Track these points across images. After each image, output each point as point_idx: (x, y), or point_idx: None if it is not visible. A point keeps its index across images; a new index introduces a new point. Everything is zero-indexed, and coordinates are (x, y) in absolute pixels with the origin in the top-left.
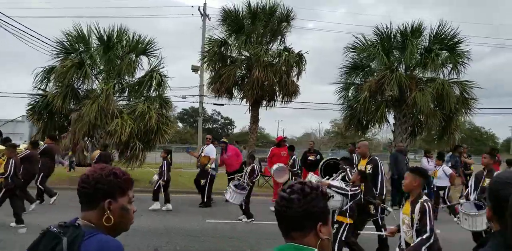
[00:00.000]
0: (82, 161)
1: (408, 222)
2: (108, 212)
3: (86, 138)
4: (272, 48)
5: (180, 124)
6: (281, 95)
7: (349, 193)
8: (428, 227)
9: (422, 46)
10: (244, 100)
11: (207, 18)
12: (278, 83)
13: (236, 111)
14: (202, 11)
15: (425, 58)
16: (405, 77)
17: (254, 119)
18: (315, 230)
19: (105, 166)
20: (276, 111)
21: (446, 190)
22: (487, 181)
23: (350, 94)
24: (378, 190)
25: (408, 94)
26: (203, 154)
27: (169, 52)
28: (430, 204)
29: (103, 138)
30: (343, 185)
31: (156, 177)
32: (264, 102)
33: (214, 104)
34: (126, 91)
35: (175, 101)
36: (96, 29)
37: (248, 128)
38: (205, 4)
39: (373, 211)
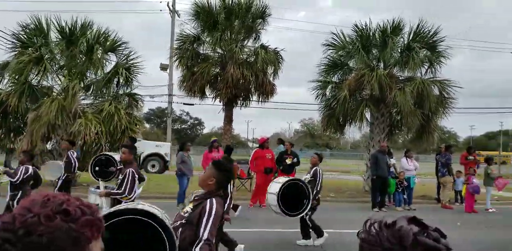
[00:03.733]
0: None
1: None
2: None
3: (44, 140)
4: (248, 45)
5: (147, 125)
6: (256, 95)
7: None
8: None
9: (402, 44)
10: (217, 99)
11: (176, 14)
12: (254, 82)
13: (205, 112)
14: (171, 7)
15: (405, 57)
16: (385, 75)
17: (228, 119)
18: None
19: (49, 195)
20: (243, 111)
21: None
22: None
23: (328, 93)
24: None
25: (388, 93)
26: None
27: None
28: None
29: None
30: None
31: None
32: (239, 102)
33: (184, 104)
34: (91, 89)
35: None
36: (56, 22)
37: (222, 128)
38: None
39: None
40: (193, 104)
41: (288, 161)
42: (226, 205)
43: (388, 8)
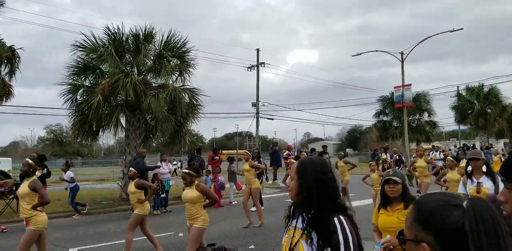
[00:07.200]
0: None
1: None
2: None
3: None
4: None
5: None
6: None
7: None
8: None
9: (155, 52)
10: None
11: None
12: None
13: None
14: None
15: (158, 64)
16: (139, 81)
17: None
18: None
19: None
20: None
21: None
22: None
23: (79, 97)
24: None
25: (143, 99)
26: None
27: None
28: None
29: None
30: None
31: None
32: None
33: None
34: None
35: None
36: None
37: None
38: None
39: None
40: None
41: (38, 173)
42: None
43: (130, 13)
